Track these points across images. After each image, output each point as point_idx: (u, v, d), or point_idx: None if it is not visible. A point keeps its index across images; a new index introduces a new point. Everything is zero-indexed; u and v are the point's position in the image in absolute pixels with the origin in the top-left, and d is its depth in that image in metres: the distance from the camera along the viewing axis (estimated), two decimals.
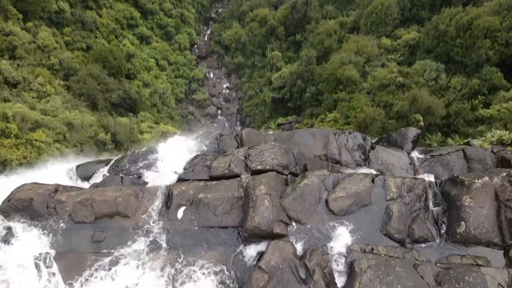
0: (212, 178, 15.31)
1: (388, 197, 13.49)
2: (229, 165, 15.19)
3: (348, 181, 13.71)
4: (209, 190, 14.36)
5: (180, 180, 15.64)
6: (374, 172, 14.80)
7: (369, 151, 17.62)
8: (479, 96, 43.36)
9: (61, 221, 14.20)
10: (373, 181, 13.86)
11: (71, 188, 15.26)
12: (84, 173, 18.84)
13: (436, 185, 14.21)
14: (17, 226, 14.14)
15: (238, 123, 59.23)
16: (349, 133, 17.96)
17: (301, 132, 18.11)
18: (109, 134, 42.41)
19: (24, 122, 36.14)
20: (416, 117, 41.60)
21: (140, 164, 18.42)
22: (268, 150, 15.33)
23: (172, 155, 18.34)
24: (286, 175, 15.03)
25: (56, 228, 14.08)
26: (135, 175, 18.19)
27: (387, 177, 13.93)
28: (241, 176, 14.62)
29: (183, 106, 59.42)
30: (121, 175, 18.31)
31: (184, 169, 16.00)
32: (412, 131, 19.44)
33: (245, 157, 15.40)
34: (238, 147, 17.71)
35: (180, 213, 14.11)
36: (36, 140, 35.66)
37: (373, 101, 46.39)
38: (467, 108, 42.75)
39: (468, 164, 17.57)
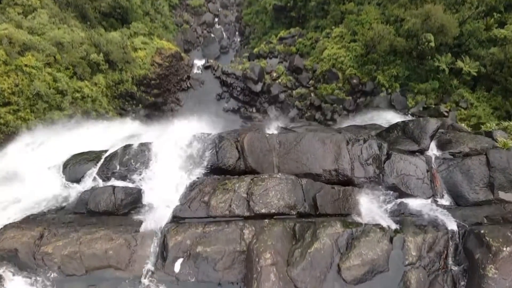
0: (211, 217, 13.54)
1: (407, 262, 11.95)
2: (230, 205, 13.35)
3: (364, 243, 11.98)
4: (207, 240, 12.70)
5: (176, 218, 13.84)
6: (393, 225, 12.89)
7: (384, 161, 15.58)
8: (494, 14, 39.18)
9: (51, 273, 12.78)
10: (391, 240, 12.12)
11: (57, 231, 13.49)
12: (73, 175, 17.07)
13: (459, 237, 12.55)
14: (6, 276, 12.78)
15: (237, 33, 54.27)
16: (364, 141, 15.70)
17: (310, 138, 15.83)
18: (101, 54, 39.24)
19: (12, 45, 33.39)
20: (427, 37, 37.86)
21: (132, 167, 16.50)
22: (273, 187, 13.34)
23: (167, 158, 16.40)
24: (294, 215, 13.25)
25: (46, 280, 12.73)
26: (127, 180, 16.42)
27: (407, 237, 12.18)
28: (244, 230, 12.79)
29: (177, 14, 53.84)
30: (112, 180, 16.51)
31: (180, 203, 14.10)
32: (432, 125, 17.15)
33: (248, 194, 13.46)
34: (239, 158, 15.61)
35: (177, 266, 12.66)
36: (26, 65, 33.21)
37: (383, 14, 41.96)
38: (481, 28, 38.86)
39: (490, 172, 15.72)
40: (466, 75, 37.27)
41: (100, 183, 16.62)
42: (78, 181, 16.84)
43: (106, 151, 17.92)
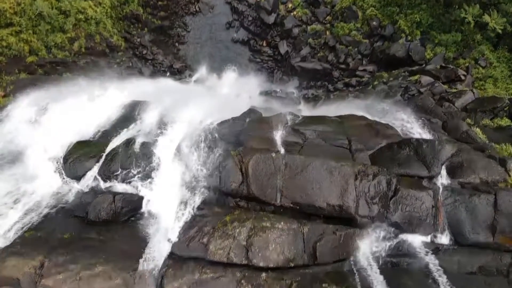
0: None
1: None
2: (228, 253, 13.11)
3: None
4: None
5: (174, 255, 13.71)
6: None
7: (390, 198, 15.10)
8: None
9: None
10: None
11: (57, 259, 13.41)
12: (73, 172, 16.71)
13: None
14: None
15: None
16: (373, 177, 15.00)
17: (318, 165, 15.09)
18: None
19: None
20: None
21: (133, 172, 16.09)
22: (274, 240, 13.03)
23: (169, 165, 16.01)
24: (292, 267, 13.16)
25: None
26: (128, 183, 16.14)
27: None
28: None
29: None
30: (113, 182, 16.21)
31: (179, 240, 13.85)
32: (446, 152, 16.43)
33: (247, 243, 13.20)
34: (242, 182, 15.07)
35: None
36: None
37: None
38: None
39: (495, 215, 15.39)
40: (491, 31, 34.70)
41: (101, 183, 16.30)
42: (78, 178, 16.46)
43: (107, 143, 17.25)
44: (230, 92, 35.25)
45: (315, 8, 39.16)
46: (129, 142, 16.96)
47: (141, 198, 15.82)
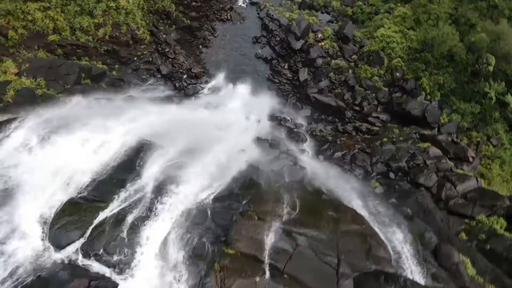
0: None
1: None
2: None
3: None
4: None
5: None
6: None
7: None
8: None
9: None
10: None
11: None
12: (57, 240, 15.67)
13: None
14: None
15: None
16: None
17: None
18: None
19: None
20: (489, 59, 32.46)
21: (116, 257, 15.08)
22: None
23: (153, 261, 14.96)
24: None
25: None
26: (107, 266, 15.17)
27: None
28: None
29: None
30: (92, 260, 15.26)
31: None
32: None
33: None
34: None
35: None
36: None
37: (455, 10, 35.15)
38: None
39: None
40: (510, 112, 32.89)
41: (81, 258, 15.31)
42: (60, 248, 15.43)
43: (98, 210, 16.11)
44: (241, 111, 33.68)
45: (344, 43, 37.05)
46: (118, 219, 15.79)
47: (117, 286, 14.78)
